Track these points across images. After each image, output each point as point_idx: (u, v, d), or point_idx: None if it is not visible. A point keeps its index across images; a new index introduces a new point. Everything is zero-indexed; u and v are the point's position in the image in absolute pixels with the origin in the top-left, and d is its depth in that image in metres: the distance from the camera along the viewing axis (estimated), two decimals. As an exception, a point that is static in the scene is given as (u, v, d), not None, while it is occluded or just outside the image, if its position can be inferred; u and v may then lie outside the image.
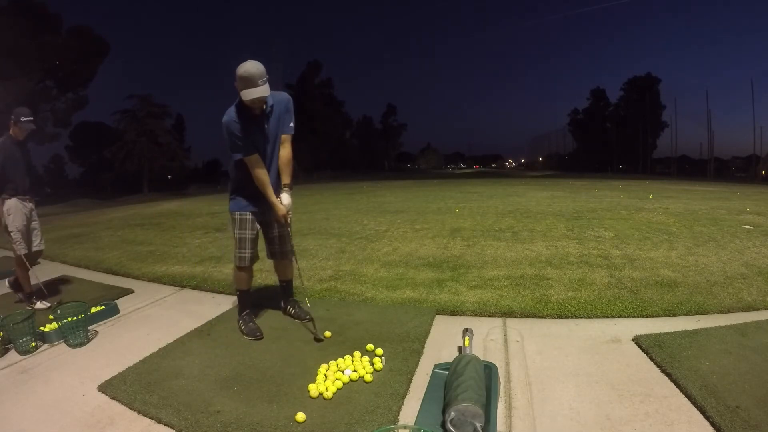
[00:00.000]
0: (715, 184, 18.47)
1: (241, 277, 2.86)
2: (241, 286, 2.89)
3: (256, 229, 2.77)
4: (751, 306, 2.91)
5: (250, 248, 2.75)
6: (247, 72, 2.35)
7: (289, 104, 2.72)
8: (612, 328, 2.66)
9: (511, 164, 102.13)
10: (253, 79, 2.35)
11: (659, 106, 45.58)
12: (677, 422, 1.72)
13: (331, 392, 1.99)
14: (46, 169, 39.43)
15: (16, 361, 2.55)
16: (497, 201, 9.77)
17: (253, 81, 2.35)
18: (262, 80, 2.38)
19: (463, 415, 1.66)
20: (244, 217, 2.72)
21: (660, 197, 9.98)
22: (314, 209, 9.33)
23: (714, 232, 5.31)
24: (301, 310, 2.97)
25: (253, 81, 2.35)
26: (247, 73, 2.35)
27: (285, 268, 3.02)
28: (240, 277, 2.86)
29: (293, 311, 2.99)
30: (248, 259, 2.76)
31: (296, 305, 3.02)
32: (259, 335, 2.69)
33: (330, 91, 52.43)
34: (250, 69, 2.36)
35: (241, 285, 2.89)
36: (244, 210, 2.71)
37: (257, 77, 2.36)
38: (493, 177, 32.35)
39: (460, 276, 3.81)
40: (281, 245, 2.89)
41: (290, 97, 2.75)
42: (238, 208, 2.72)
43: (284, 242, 2.89)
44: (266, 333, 2.76)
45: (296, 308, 3.00)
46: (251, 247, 2.75)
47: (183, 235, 6.85)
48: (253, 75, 2.35)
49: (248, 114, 2.52)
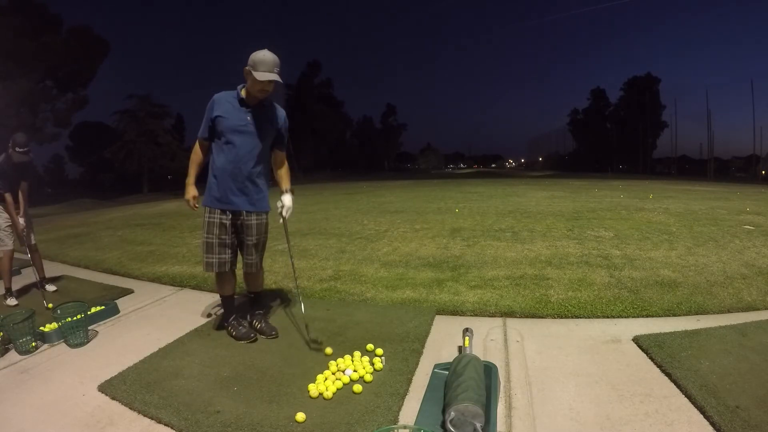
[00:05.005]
0: (715, 184, 18.47)
1: (217, 281, 2.77)
2: (222, 291, 2.79)
3: (226, 234, 2.60)
4: (751, 306, 2.91)
5: (217, 254, 2.60)
6: (266, 56, 2.43)
7: (287, 123, 2.75)
8: (612, 328, 2.66)
9: (511, 164, 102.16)
10: (269, 64, 2.43)
11: (659, 106, 45.65)
12: (677, 422, 1.72)
13: (331, 392, 1.99)
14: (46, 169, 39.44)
15: (16, 361, 2.55)
16: (497, 201, 9.77)
17: (268, 65, 2.43)
18: (277, 69, 2.46)
19: (463, 415, 1.66)
20: (213, 220, 2.58)
21: (660, 197, 9.98)
22: (314, 209, 9.32)
23: (714, 232, 5.30)
24: (267, 325, 2.77)
25: (269, 66, 2.43)
26: (266, 57, 2.43)
27: (252, 279, 2.85)
28: (218, 283, 2.77)
29: (259, 326, 2.76)
30: (216, 265, 2.62)
31: (262, 319, 2.82)
32: (254, 336, 2.64)
33: (330, 91, 52.48)
34: (268, 54, 2.44)
35: (222, 291, 2.79)
36: (215, 206, 2.58)
37: (273, 64, 2.44)
38: (493, 177, 32.36)
39: (460, 276, 3.81)
40: (247, 255, 2.71)
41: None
42: (209, 202, 2.59)
43: (249, 253, 2.70)
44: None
45: (262, 323, 2.78)
46: (218, 253, 2.60)
47: (183, 235, 6.85)
48: (270, 60, 2.43)
49: (239, 99, 2.54)
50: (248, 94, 2.54)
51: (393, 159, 70.43)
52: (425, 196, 12.13)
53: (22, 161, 3.54)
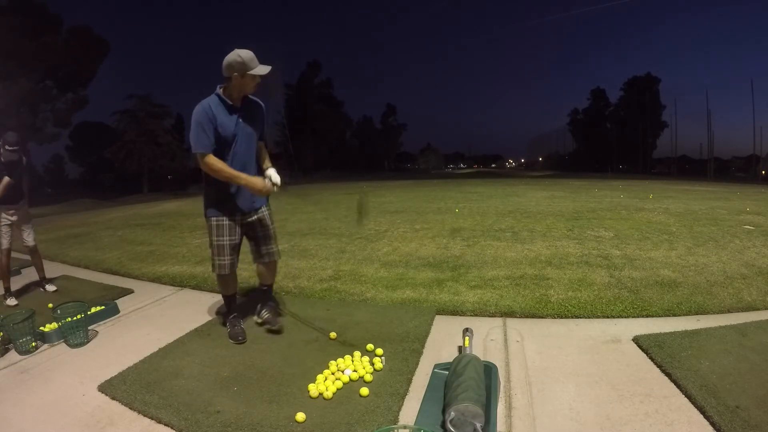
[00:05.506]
0: (715, 184, 18.47)
1: (222, 283, 2.78)
2: (225, 291, 2.81)
3: (236, 235, 2.63)
4: (751, 306, 2.91)
5: (230, 255, 2.63)
6: (249, 53, 2.43)
7: (264, 110, 2.75)
8: (612, 328, 2.66)
9: (511, 164, 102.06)
10: (255, 58, 2.44)
11: (659, 106, 45.60)
12: (677, 422, 1.72)
13: (331, 392, 1.99)
14: (46, 169, 39.41)
15: (16, 361, 2.55)
16: (497, 201, 9.77)
17: (256, 59, 2.44)
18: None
19: (463, 415, 1.65)
20: (221, 223, 2.59)
21: (660, 197, 9.98)
22: (314, 209, 9.32)
23: (714, 232, 5.31)
24: (274, 318, 2.80)
25: (256, 59, 2.44)
26: (251, 54, 2.43)
27: (267, 271, 2.88)
28: (222, 284, 2.79)
29: (267, 316, 2.80)
30: (228, 267, 2.64)
31: (272, 311, 2.84)
32: (241, 339, 2.62)
33: (330, 91, 52.46)
34: (248, 51, 2.43)
35: (224, 290, 2.81)
36: (221, 215, 2.59)
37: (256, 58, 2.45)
38: (493, 177, 32.38)
39: (460, 276, 3.81)
40: (266, 246, 2.76)
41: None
42: (215, 213, 2.60)
43: (269, 242, 2.76)
44: (266, 333, 2.77)
45: (270, 313, 2.81)
46: (230, 254, 2.63)
47: (183, 235, 6.85)
48: (253, 56, 2.44)
49: (226, 106, 2.50)
50: (231, 96, 2.50)
51: (393, 159, 70.38)
52: (425, 196, 12.14)
53: (10, 160, 3.61)
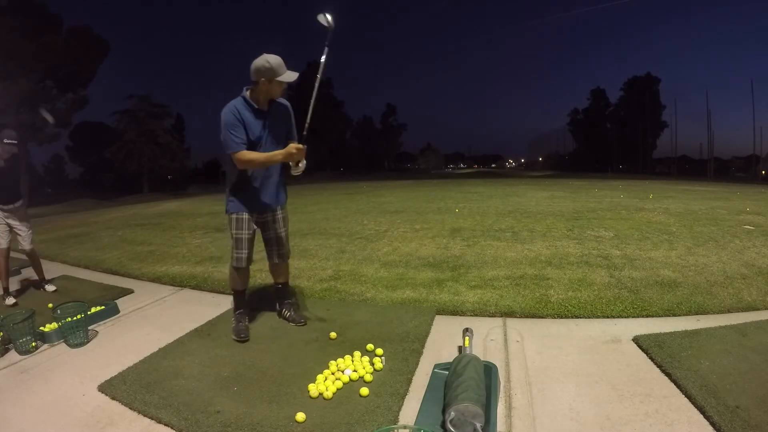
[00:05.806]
0: (715, 184, 18.47)
1: (236, 277, 2.84)
2: (237, 286, 2.87)
3: (253, 229, 2.74)
4: (751, 306, 2.91)
5: (247, 248, 2.73)
6: (277, 59, 2.45)
7: (291, 111, 2.79)
8: (612, 328, 2.66)
9: (511, 164, 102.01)
10: (284, 64, 2.47)
11: (659, 106, 45.57)
12: (677, 422, 1.72)
13: (331, 392, 1.99)
14: (46, 169, 39.42)
15: (16, 361, 2.55)
16: (497, 201, 9.77)
17: (284, 65, 2.47)
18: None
19: (463, 415, 1.65)
20: (241, 217, 2.70)
21: (660, 197, 9.98)
22: (314, 209, 9.32)
23: (714, 232, 5.31)
24: (297, 314, 2.93)
25: (284, 65, 2.47)
26: (277, 60, 2.45)
27: (281, 270, 2.98)
28: (235, 278, 2.84)
29: (288, 314, 2.94)
30: (245, 260, 2.74)
31: (292, 308, 2.97)
32: (244, 337, 2.65)
33: (330, 91, 52.39)
34: (276, 57, 2.45)
35: (236, 285, 2.87)
36: (241, 211, 2.70)
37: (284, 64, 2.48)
38: (493, 177, 32.37)
39: (460, 276, 3.81)
40: (278, 247, 2.86)
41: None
42: (236, 209, 2.70)
43: (281, 244, 2.86)
44: (266, 333, 2.77)
45: (291, 311, 2.95)
46: (248, 247, 2.73)
47: (183, 235, 6.85)
48: (282, 62, 2.47)
49: (252, 109, 2.56)
50: (257, 99, 2.56)
51: (393, 159, 70.36)
52: (425, 196, 12.13)
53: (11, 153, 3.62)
